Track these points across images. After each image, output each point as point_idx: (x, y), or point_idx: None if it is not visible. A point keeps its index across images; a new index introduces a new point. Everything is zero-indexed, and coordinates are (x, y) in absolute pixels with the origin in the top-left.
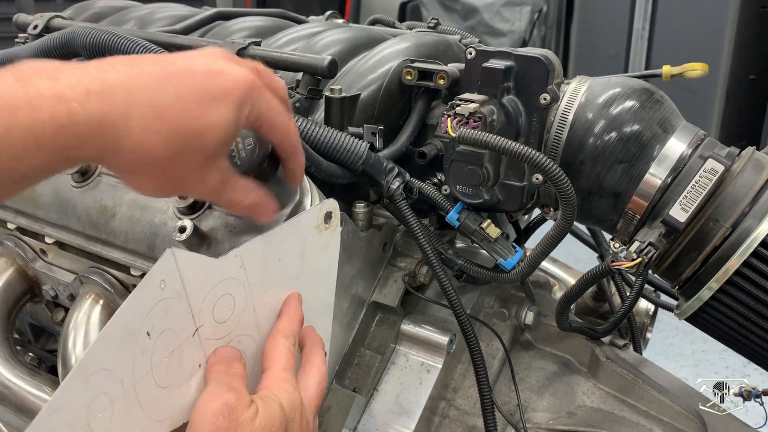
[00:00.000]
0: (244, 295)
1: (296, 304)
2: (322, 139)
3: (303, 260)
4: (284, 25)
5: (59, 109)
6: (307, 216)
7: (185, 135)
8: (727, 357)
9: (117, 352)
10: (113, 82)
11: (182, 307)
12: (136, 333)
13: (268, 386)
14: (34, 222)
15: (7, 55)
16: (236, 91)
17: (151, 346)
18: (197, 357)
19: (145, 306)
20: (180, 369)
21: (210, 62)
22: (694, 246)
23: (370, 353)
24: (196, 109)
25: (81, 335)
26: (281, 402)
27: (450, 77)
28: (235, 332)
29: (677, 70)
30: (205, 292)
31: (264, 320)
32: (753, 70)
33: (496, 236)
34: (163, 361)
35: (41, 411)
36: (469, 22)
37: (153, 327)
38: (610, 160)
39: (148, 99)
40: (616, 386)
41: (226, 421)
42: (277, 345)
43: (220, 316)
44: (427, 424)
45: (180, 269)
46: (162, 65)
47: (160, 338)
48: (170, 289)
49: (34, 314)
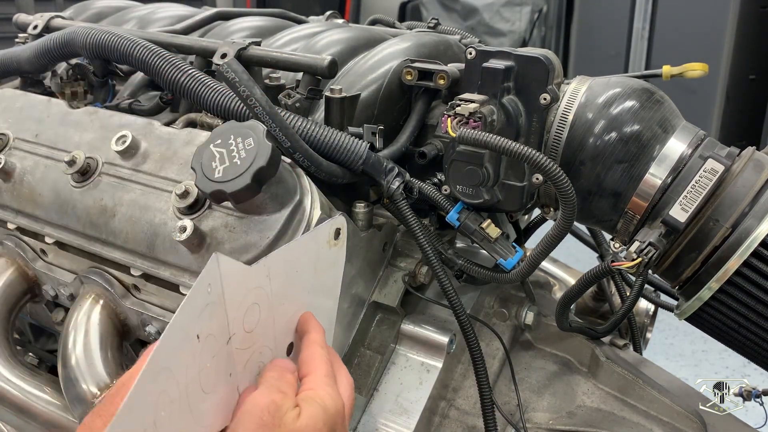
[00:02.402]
0: (267, 305)
1: (315, 320)
2: (322, 139)
3: (315, 274)
4: (284, 25)
5: None
6: (321, 230)
7: None
8: (727, 357)
9: (176, 352)
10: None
11: (221, 313)
12: (190, 335)
13: (313, 388)
14: (34, 222)
15: (7, 55)
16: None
17: (199, 349)
18: (228, 366)
19: (197, 309)
20: (217, 376)
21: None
22: (694, 246)
23: (370, 353)
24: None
25: (81, 335)
26: (325, 404)
27: (450, 77)
28: (259, 343)
29: (677, 70)
30: (239, 299)
31: (280, 333)
32: (753, 70)
33: (496, 236)
34: (206, 366)
35: (119, 409)
36: (469, 22)
37: (201, 330)
38: (610, 160)
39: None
40: (616, 386)
41: (270, 417)
42: (316, 353)
43: (249, 326)
44: (427, 424)
45: (222, 275)
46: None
47: (206, 342)
48: (214, 294)
49: (34, 314)
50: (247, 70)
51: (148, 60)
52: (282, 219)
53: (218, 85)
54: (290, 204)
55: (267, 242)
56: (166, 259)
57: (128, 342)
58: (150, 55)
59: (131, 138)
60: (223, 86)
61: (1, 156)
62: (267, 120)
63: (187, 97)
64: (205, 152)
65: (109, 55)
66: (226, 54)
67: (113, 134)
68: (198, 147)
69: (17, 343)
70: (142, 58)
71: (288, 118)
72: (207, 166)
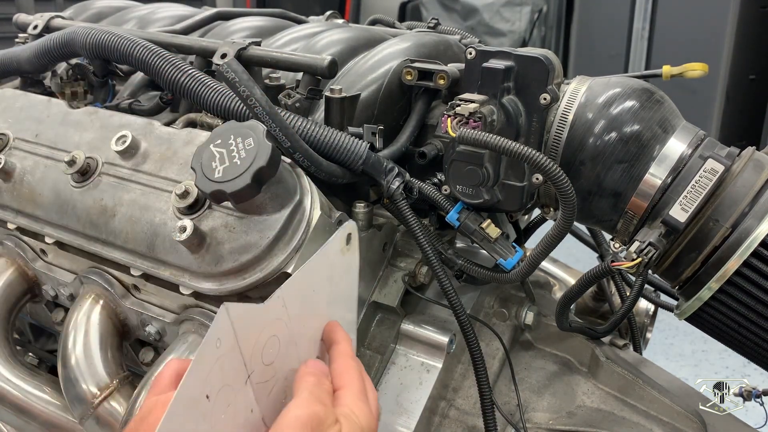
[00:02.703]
0: (287, 333)
1: (342, 329)
2: (322, 139)
3: (332, 285)
4: (284, 25)
5: None
6: (333, 242)
7: None
8: (727, 357)
9: (184, 422)
10: None
11: (236, 358)
12: (198, 399)
13: (349, 405)
14: (34, 222)
15: (7, 55)
16: None
17: (211, 407)
18: (249, 402)
19: (205, 370)
20: (235, 419)
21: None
22: (694, 246)
23: (370, 353)
24: None
25: (81, 335)
26: (362, 423)
27: (450, 77)
28: (282, 369)
29: (677, 70)
30: (254, 338)
31: (304, 351)
32: (753, 70)
33: (496, 236)
34: (221, 417)
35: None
36: (469, 22)
37: (212, 389)
38: (610, 160)
39: None
40: (616, 386)
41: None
42: (349, 367)
43: (268, 359)
44: (427, 424)
45: (233, 322)
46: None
47: (218, 397)
48: (225, 346)
49: (34, 314)
50: (247, 70)
51: (148, 60)
52: (282, 219)
53: (218, 85)
54: (290, 204)
55: (267, 242)
56: (166, 259)
57: (128, 342)
58: (150, 55)
59: (131, 138)
60: (223, 86)
61: (1, 156)
62: (267, 120)
63: (187, 97)
64: (205, 152)
65: (109, 55)
66: (226, 54)
67: (113, 134)
68: (198, 147)
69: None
70: (142, 58)
71: (288, 118)
72: (207, 166)
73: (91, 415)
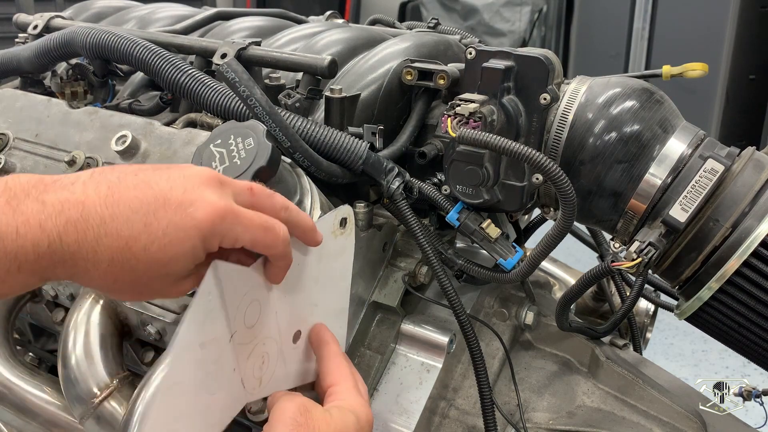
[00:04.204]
0: (268, 300)
1: (328, 330)
2: (322, 139)
3: (320, 264)
4: (284, 25)
5: (41, 238)
6: (324, 221)
7: (149, 264)
8: (727, 357)
9: (185, 365)
10: (90, 211)
11: (222, 314)
12: (195, 347)
13: (344, 398)
14: None
15: (7, 55)
16: (205, 224)
17: (202, 357)
18: (232, 361)
19: (199, 320)
20: (222, 375)
21: (188, 189)
22: (694, 246)
23: (370, 353)
24: (162, 240)
25: (81, 335)
26: (357, 414)
27: (450, 77)
28: (262, 335)
29: (677, 70)
30: (238, 299)
31: (285, 323)
32: (753, 70)
33: (496, 236)
34: (211, 370)
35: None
36: (469, 22)
37: (205, 339)
38: (610, 160)
39: (117, 230)
40: (616, 386)
41: (303, 418)
42: (341, 365)
43: (250, 321)
44: (427, 424)
45: (222, 281)
46: (142, 189)
47: (209, 348)
48: (214, 301)
49: (34, 314)
50: (247, 70)
51: (148, 60)
52: None
53: (218, 85)
54: None
55: None
56: None
57: (128, 342)
58: (150, 55)
59: (131, 138)
60: (223, 86)
61: (1, 156)
62: (267, 120)
63: (187, 97)
64: (205, 152)
65: (109, 55)
66: (226, 54)
67: (113, 134)
68: (198, 147)
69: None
70: (142, 58)
71: (288, 118)
72: (207, 166)
73: (92, 415)
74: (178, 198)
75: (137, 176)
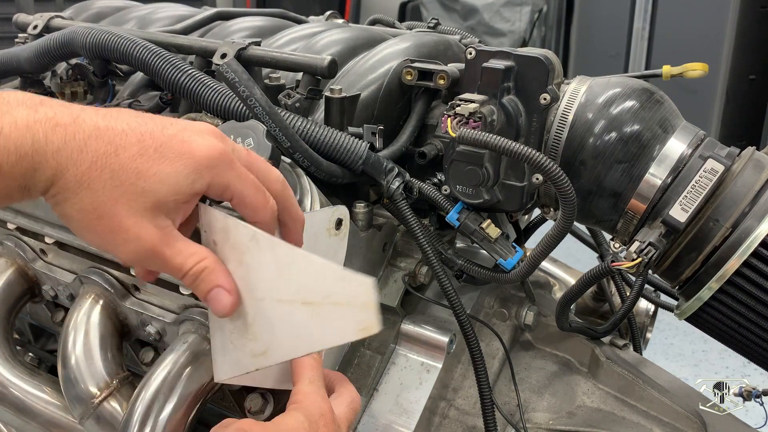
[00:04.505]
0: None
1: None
2: (322, 139)
3: None
4: (284, 25)
5: (26, 137)
6: (321, 215)
7: (132, 176)
8: (727, 357)
9: None
10: (85, 118)
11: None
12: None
13: (297, 399)
14: (34, 222)
15: (7, 55)
16: (201, 155)
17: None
18: None
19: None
20: None
21: (189, 128)
22: (694, 246)
23: (370, 353)
24: (152, 156)
25: (81, 335)
26: (307, 411)
27: (450, 77)
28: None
29: (677, 70)
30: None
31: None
32: (753, 70)
33: (496, 236)
34: None
35: None
36: (469, 22)
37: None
38: (610, 160)
39: (110, 138)
40: (616, 386)
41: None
42: (301, 363)
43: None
44: (427, 425)
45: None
46: (143, 117)
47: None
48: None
49: (34, 314)
50: (247, 70)
51: (147, 60)
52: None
53: (218, 85)
54: None
55: None
56: None
57: (128, 342)
58: (150, 55)
59: None
60: (223, 86)
61: None
62: (267, 120)
63: (187, 97)
64: None
65: (108, 55)
66: (225, 54)
67: None
68: None
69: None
70: (142, 58)
71: (288, 118)
72: None
73: (91, 415)
74: (178, 129)
75: (134, 115)
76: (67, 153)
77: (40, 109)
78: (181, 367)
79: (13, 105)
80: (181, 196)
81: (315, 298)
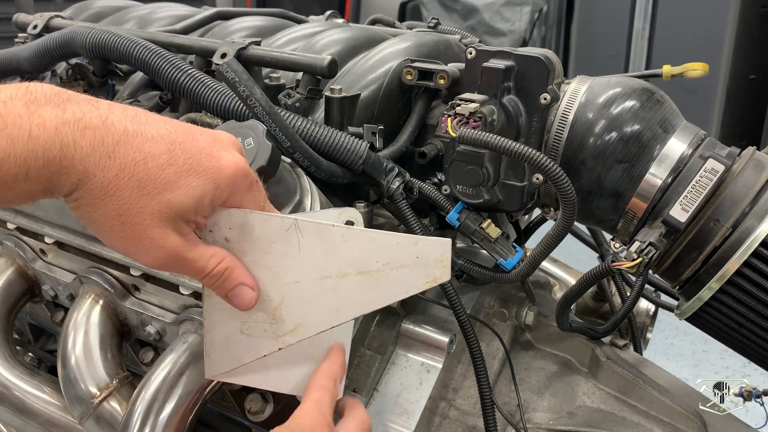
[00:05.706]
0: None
1: (340, 351)
2: (322, 139)
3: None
4: (284, 25)
5: (54, 140)
6: (328, 215)
7: (159, 186)
8: (727, 357)
9: None
10: (114, 121)
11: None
12: None
13: (293, 416)
14: (33, 222)
15: (7, 55)
16: (227, 172)
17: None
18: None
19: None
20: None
21: (218, 140)
22: (694, 246)
23: (370, 353)
24: (180, 168)
25: (81, 335)
26: (297, 427)
27: (450, 77)
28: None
29: (677, 70)
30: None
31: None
32: (753, 70)
33: (496, 236)
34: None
35: None
36: (469, 22)
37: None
38: (610, 160)
39: (139, 145)
40: (616, 386)
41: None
42: (316, 382)
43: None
44: (428, 425)
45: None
46: (172, 124)
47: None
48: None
49: (34, 314)
50: (247, 69)
51: (147, 60)
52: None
53: (218, 84)
54: (290, 204)
55: None
56: None
57: (128, 342)
58: (150, 54)
59: None
60: (223, 86)
61: None
62: (267, 120)
63: (187, 97)
64: None
65: (108, 55)
66: (226, 54)
67: None
68: None
69: (17, 343)
70: (142, 58)
71: (288, 118)
72: None
73: (91, 415)
74: (207, 142)
75: (163, 120)
76: (95, 158)
77: (68, 107)
78: (181, 367)
79: (41, 103)
80: (203, 210)
81: (371, 267)
